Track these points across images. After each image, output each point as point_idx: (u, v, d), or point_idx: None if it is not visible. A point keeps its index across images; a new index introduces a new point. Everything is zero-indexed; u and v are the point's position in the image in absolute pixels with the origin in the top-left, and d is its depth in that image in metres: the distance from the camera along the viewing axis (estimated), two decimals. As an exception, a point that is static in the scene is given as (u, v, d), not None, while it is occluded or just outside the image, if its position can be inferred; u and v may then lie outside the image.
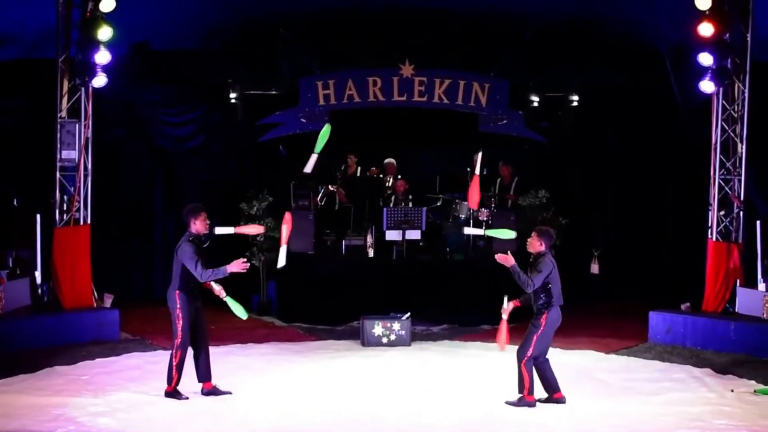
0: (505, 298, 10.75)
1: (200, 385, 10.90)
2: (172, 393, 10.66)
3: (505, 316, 10.76)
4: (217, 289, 11.06)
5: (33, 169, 16.24)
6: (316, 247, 16.34)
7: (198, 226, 10.91)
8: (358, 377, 11.94)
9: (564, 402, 10.52)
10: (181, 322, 10.63)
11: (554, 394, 10.59)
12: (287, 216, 10.93)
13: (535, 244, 10.73)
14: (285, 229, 10.79)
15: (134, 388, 11.18)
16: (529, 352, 10.48)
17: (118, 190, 17.63)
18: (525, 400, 10.47)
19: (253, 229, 11.85)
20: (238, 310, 10.95)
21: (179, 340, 10.64)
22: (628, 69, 17.08)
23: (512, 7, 16.42)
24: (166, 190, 17.88)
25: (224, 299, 10.95)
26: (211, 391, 10.88)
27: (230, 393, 10.94)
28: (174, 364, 10.65)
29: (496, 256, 10.45)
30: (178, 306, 10.63)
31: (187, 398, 10.62)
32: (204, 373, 10.89)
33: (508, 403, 10.51)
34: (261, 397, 10.89)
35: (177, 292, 10.64)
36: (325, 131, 10.98)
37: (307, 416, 10.15)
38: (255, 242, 16.59)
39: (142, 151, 17.81)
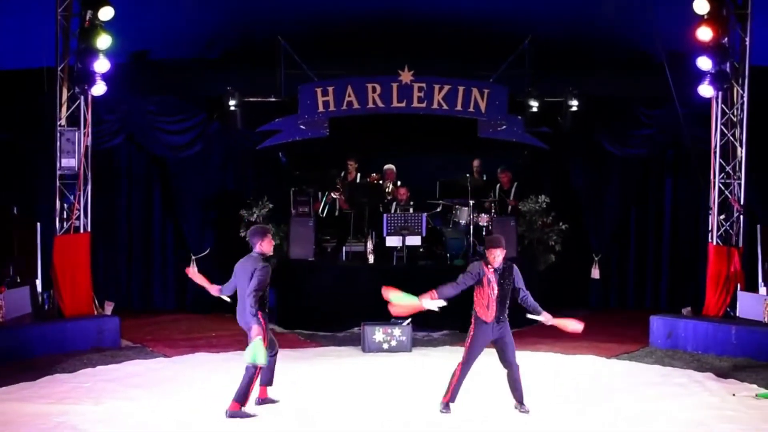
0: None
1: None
2: (238, 411, 10.39)
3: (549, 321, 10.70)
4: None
5: (32, 178, 16.28)
6: (317, 254, 16.32)
7: (264, 247, 10.71)
8: (359, 383, 11.93)
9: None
10: (264, 342, 10.22)
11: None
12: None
13: (503, 255, 10.48)
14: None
15: (135, 395, 11.17)
16: None
17: (117, 198, 17.62)
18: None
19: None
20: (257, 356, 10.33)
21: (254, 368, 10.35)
22: (626, 74, 17.11)
23: (511, 14, 16.45)
24: (164, 198, 17.88)
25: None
26: (266, 401, 10.90)
27: (278, 401, 10.97)
28: (253, 384, 10.38)
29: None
30: (264, 325, 10.34)
31: (255, 415, 10.45)
32: (268, 378, 10.88)
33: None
34: (261, 405, 10.85)
35: (259, 312, 10.32)
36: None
37: (308, 423, 10.13)
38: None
39: (140, 159, 17.80)
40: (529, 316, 10.62)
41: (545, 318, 10.57)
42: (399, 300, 10.34)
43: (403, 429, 9.97)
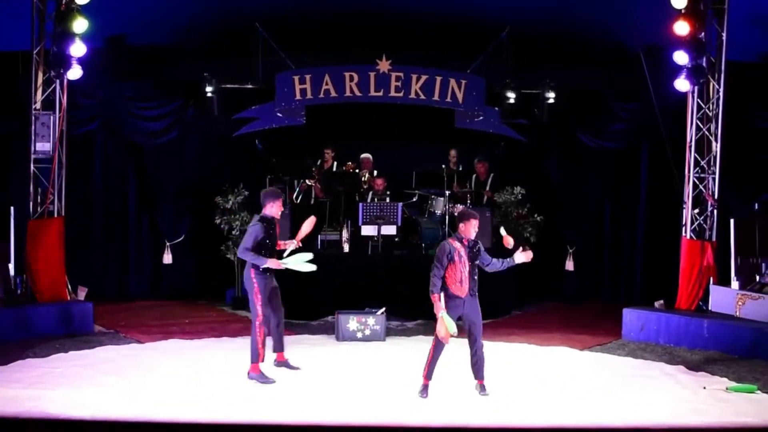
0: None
1: (272, 356, 11.65)
2: (258, 375, 11.03)
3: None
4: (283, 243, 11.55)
5: (7, 162, 16.20)
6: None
7: (274, 210, 11.38)
8: (333, 372, 11.93)
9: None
10: (260, 300, 11.21)
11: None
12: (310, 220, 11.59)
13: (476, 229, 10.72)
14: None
15: (108, 381, 11.13)
16: None
17: (91, 183, 17.53)
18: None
19: (308, 225, 11.81)
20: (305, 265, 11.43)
21: (260, 318, 11.21)
22: (603, 67, 17.16)
23: (490, 5, 16.45)
24: (139, 184, 17.80)
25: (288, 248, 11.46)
26: (283, 363, 11.57)
27: (299, 368, 11.64)
28: (259, 341, 11.11)
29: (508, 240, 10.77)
30: (255, 285, 11.17)
31: (273, 381, 11.00)
32: (278, 344, 11.61)
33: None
34: (234, 390, 10.85)
35: (252, 270, 11.18)
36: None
37: (280, 409, 10.13)
38: (231, 236, 16.57)
39: (116, 144, 17.70)
40: (509, 263, 10.74)
41: (519, 258, 10.77)
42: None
43: (375, 416, 9.96)
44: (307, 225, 11.88)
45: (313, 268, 11.71)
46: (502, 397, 10.68)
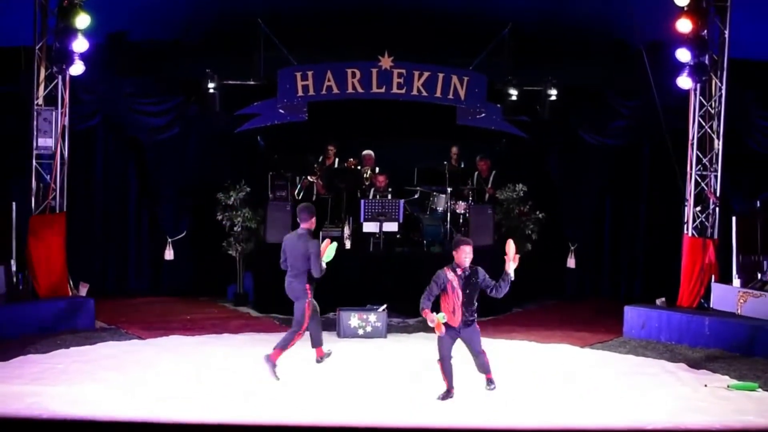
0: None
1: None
2: (272, 364, 11.29)
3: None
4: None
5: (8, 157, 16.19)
6: (293, 239, 16.29)
7: (311, 224, 11.76)
8: (333, 369, 11.92)
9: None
10: (309, 311, 11.46)
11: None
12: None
13: (471, 257, 10.49)
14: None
15: (109, 377, 11.14)
16: None
17: (93, 179, 17.53)
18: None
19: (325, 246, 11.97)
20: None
21: (305, 326, 11.47)
22: (604, 65, 17.15)
23: (492, 2, 16.45)
24: (141, 180, 17.79)
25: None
26: (323, 358, 11.81)
27: (331, 352, 11.88)
28: (290, 345, 11.42)
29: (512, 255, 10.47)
30: (310, 297, 11.50)
31: (278, 379, 11.21)
32: (317, 340, 11.76)
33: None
34: (235, 386, 10.85)
35: (308, 285, 11.49)
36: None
37: (280, 407, 10.12)
38: (232, 233, 16.57)
39: (117, 140, 17.70)
40: (507, 278, 10.49)
41: (510, 267, 10.47)
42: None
43: (377, 413, 9.95)
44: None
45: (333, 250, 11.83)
46: (502, 395, 10.65)
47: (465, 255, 10.37)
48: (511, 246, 10.51)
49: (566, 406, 10.33)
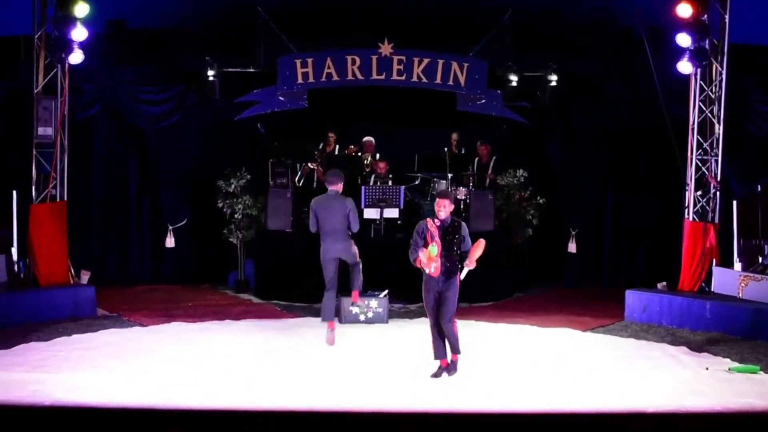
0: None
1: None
2: (355, 304, 12.84)
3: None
4: None
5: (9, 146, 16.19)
6: (294, 225, 16.28)
7: (340, 187, 12.75)
8: (336, 354, 11.94)
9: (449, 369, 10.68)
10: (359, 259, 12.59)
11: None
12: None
13: (450, 210, 10.66)
14: None
15: (111, 364, 11.14)
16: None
17: (93, 167, 17.54)
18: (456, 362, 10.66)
19: None
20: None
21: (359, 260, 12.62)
22: (606, 49, 17.12)
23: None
24: (141, 168, 17.80)
25: None
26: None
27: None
28: (361, 280, 12.74)
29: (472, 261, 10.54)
30: (355, 247, 12.63)
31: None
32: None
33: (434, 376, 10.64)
34: (238, 373, 10.86)
35: (352, 241, 12.59)
36: None
37: (282, 392, 10.14)
38: (233, 220, 16.58)
39: (117, 129, 17.70)
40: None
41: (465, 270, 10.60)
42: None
43: (379, 398, 9.96)
44: None
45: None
46: (503, 379, 10.69)
47: (438, 207, 10.61)
48: (478, 248, 10.53)
49: (567, 389, 10.34)
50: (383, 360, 11.66)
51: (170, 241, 17.28)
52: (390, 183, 16.58)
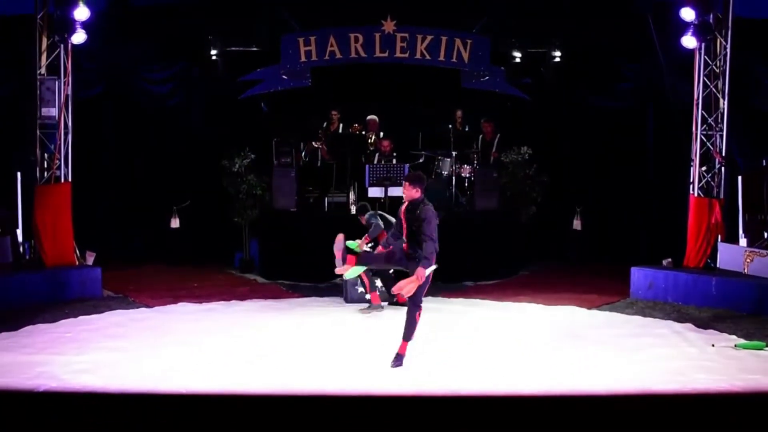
0: None
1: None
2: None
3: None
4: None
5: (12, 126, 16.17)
6: (299, 205, 16.30)
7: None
8: (342, 334, 11.95)
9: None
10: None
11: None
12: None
13: (411, 193, 10.28)
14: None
15: (117, 345, 11.15)
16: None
17: (97, 147, 17.53)
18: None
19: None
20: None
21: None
22: (609, 26, 17.05)
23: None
24: (145, 148, 17.80)
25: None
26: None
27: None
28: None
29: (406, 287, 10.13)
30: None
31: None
32: None
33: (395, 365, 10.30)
34: (243, 353, 10.87)
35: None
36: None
37: (292, 371, 10.14)
38: (237, 200, 16.56)
39: (121, 108, 17.70)
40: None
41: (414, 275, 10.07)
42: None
43: (388, 378, 9.96)
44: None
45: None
46: (508, 359, 10.68)
47: (404, 191, 10.41)
48: (409, 282, 10.12)
49: (572, 367, 10.33)
50: (387, 341, 11.61)
51: (175, 222, 17.29)
52: (394, 161, 16.56)
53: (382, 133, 17.20)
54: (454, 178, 16.51)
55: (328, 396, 6.81)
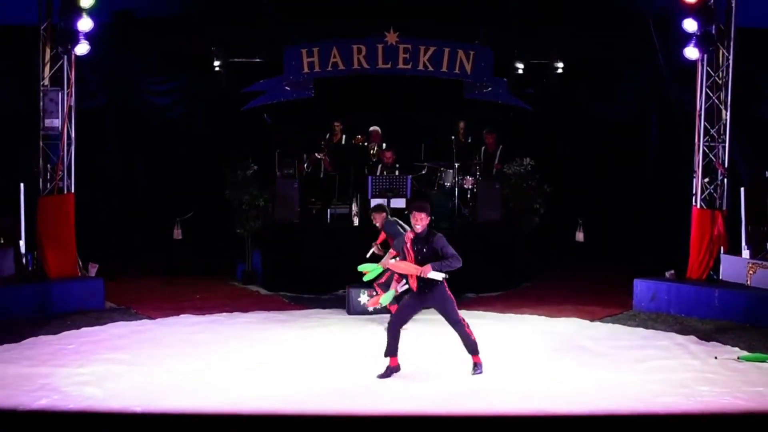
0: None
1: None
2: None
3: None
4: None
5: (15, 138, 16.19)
6: (301, 216, 16.30)
7: None
8: (344, 346, 11.93)
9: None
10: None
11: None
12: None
13: (425, 222, 10.28)
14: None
15: (120, 357, 11.14)
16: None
17: (100, 158, 17.54)
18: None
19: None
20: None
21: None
22: (612, 37, 17.08)
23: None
24: (148, 159, 17.81)
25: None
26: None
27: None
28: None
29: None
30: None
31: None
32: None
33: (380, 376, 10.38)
34: (246, 366, 10.86)
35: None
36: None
37: (293, 386, 10.12)
38: (240, 211, 16.55)
39: (124, 119, 17.72)
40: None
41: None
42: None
43: (389, 392, 9.94)
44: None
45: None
46: (511, 371, 10.67)
47: (414, 220, 10.32)
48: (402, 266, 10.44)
49: (575, 380, 10.31)
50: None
51: (177, 233, 17.28)
52: (397, 172, 16.56)
53: (384, 145, 17.20)
54: (456, 189, 16.50)
55: (326, 416, 6.81)
